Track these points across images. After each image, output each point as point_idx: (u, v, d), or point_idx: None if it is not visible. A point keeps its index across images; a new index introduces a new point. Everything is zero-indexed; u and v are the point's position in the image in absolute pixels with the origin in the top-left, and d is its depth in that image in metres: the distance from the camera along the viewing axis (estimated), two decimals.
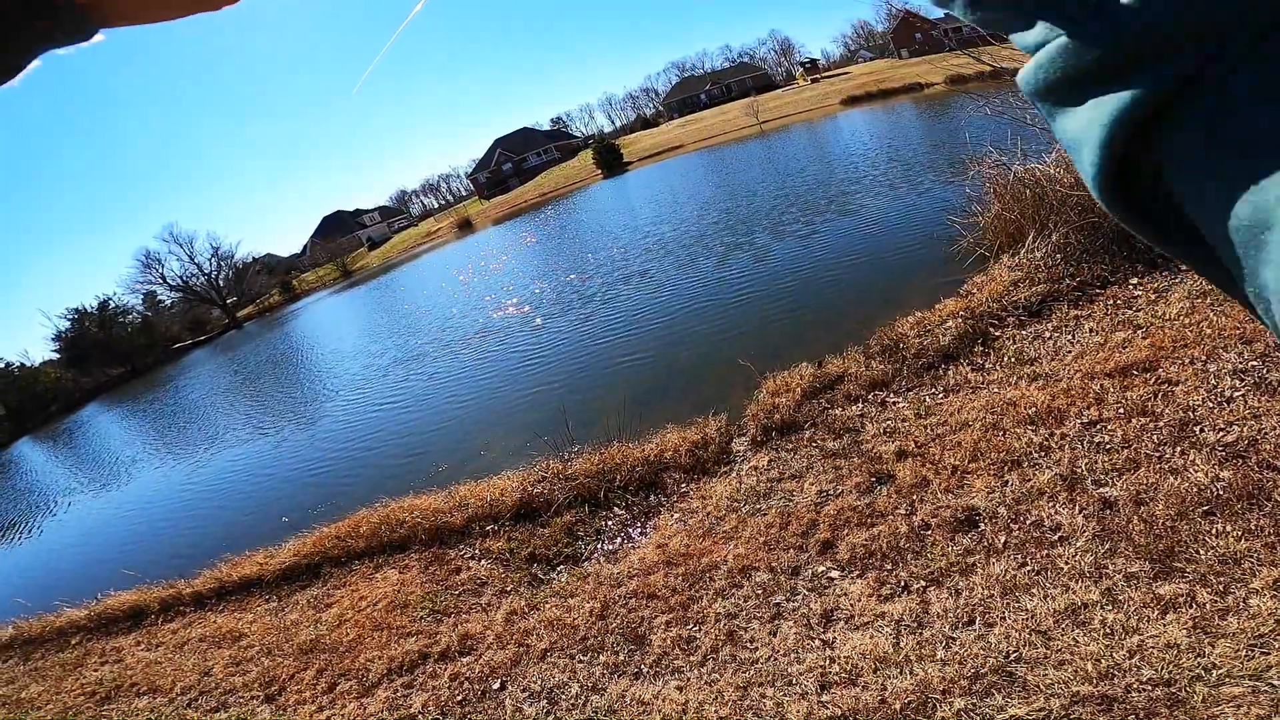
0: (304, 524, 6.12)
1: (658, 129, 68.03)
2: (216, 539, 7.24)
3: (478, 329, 13.63)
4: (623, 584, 3.68)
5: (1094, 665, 2.26)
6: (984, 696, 2.24)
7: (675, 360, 7.94)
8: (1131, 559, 2.70)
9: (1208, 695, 2.04)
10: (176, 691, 4.37)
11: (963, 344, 5.22)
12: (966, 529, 3.20)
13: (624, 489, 4.83)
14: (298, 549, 5.58)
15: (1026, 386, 4.36)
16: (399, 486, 6.28)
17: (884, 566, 3.08)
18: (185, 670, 4.57)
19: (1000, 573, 2.83)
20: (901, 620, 2.69)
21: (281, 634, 4.56)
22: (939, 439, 4.05)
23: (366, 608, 4.48)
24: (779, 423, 4.88)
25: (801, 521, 3.62)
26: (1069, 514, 3.08)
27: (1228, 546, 2.60)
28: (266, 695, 3.97)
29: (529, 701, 3.07)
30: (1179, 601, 2.44)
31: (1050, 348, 4.86)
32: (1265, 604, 2.30)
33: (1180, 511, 2.87)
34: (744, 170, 24.05)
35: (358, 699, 3.59)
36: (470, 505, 5.21)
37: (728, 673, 2.73)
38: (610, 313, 11.11)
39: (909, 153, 16.01)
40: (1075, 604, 2.55)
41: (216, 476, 10.87)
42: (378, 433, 9.55)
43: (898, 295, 6.87)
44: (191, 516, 9.34)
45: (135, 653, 5.14)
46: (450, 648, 3.72)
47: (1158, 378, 3.98)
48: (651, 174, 36.90)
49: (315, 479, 8.67)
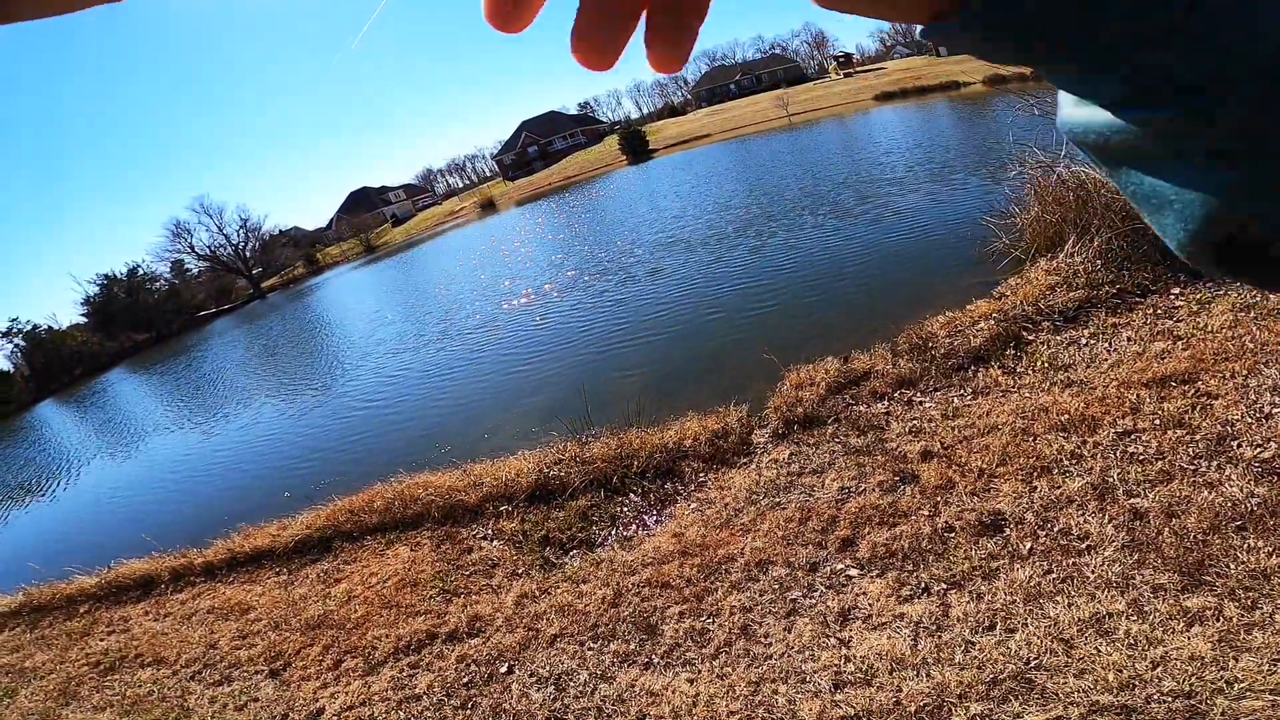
0: (318, 496, 6.12)
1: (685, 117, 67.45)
2: (231, 508, 7.28)
3: (499, 308, 13.65)
4: (636, 572, 3.65)
5: (1115, 675, 2.21)
6: (1001, 702, 2.18)
7: (697, 347, 7.88)
8: (1160, 570, 2.64)
9: (1228, 708, 2.01)
10: (181, 664, 4.37)
11: (994, 346, 5.10)
12: (991, 533, 3.13)
13: (641, 475, 4.79)
14: (310, 521, 5.59)
15: (1059, 393, 4.25)
16: (415, 462, 6.29)
17: (905, 567, 3.02)
18: (191, 642, 4.57)
19: (1024, 579, 2.76)
20: (920, 622, 2.63)
21: (290, 608, 4.56)
22: (966, 441, 3.97)
23: (376, 584, 4.48)
24: (802, 416, 4.81)
25: (821, 517, 3.56)
26: (1098, 523, 3.01)
27: (1258, 562, 2.54)
28: (271, 670, 3.97)
29: (536, 687, 3.05)
30: (1206, 614, 2.39)
31: (1086, 355, 4.74)
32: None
33: (1212, 525, 2.79)
34: (772, 162, 23.75)
35: (363, 677, 3.59)
36: (485, 484, 5.21)
37: (740, 667, 2.69)
38: (633, 297, 11.06)
39: (943, 151, 15.68)
40: (1100, 613, 2.50)
41: (234, 445, 11.02)
42: (395, 407, 9.62)
43: (927, 294, 6.74)
44: (207, 484, 9.45)
45: (143, 623, 5.15)
46: (459, 629, 3.71)
47: (1196, 390, 3.86)
48: (677, 161, 36.58)
49: (331, 450, 8.76)
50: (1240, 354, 4.07)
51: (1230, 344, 4.22)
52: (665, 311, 9.70)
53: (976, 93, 30.25)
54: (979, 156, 13.30)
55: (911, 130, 22.27)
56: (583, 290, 12.70)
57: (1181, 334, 4.61)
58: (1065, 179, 6.19)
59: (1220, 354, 4.14)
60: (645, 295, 10.91)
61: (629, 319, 9.93)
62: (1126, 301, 5.35)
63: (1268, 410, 3.47)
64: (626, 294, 11.37)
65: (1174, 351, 4.38)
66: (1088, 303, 5.42)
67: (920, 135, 20.02)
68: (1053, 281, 5.78)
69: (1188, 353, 4.29)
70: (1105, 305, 5.34)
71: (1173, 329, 4.73)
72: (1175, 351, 4.38)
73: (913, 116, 26.78)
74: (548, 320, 11.44)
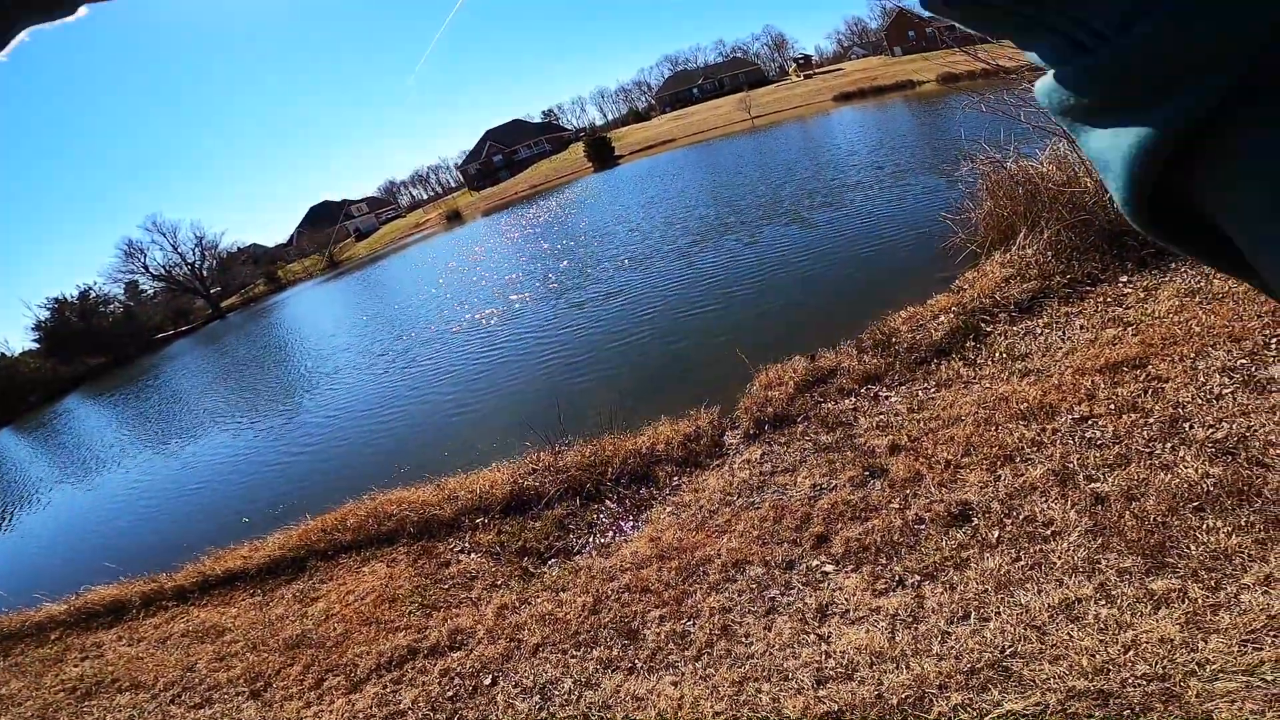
0: (289, 516, 6.04)
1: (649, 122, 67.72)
2: (199, 531, 7.12)
3: (464, 319, 13.52)
4: (615, 578, 3.65)
5: (1089, 660, 2.25)
6: (981, 691, 2.23)
7: (667, 352, 7.91)
8: (1124, 554, 2.70)
9: (1202, 690, 2.03)
10: (159, 687, 4.28)
11: (955, 339, 5.23)
12: (960, 523, 3.20)
13: (616, 481, 4.80)
14: (283, 542, 5.51)
15: (1018, 382, 4.37)
16: (387, 478, 6.21)
17: (878, 561, 3.07)
18: (168, 665, 4.48)
19: (994, 567, 2.83)
20: (897, 615, 2.68)
21: (267, 628, 4.48)
22: (932, 433, 4.05)
23: (354, 601, 4.42)
24: (772, 415, 4.87)
25: (795, 515, 3.61)
26: (1061, 509, 3.09)
27: (1218, 542, 2.60)
28: (252, 691, 3.89)
29: (521, 697, 3.03)
30: (1171, 597, 2.43)
31: (1042, 344, 4.88)
32: (1256, 600, 2.30)
33: (1171, 507, 2.87)
34: (736, 165, 24.00)
35: (346, 695, 3.53)
36: (460, 497, 5.16)
37: (723, 668, 2.71)
38: (601, 304, 11.06)
39: (901, 150, 16.04)
40: (1069, 599, 2.55)
41: (199, 468, 10.71)
42: (365, 424, 9.45)
43: (890, 290, 6.88)
44: (173, 508, 9.19)
45: (116, 648, 5.04)
46: (440, 642, 3.67)
47: (1148, 374, 3.99)
48: (643, 167, 36.73)
49: (301, 471, 8.57)
50: (1187, 338, 4.23)
51: (1177, 328, 4.39)
52: (633, 317, 9.73)
53: (931, 91, 31.07)
54: (935, 154, 13.64)
55: (871, 130, 22.74)
56: (550, 300, 12.66)
57: (1131, 320, 4.78)
58: (1015, 174, 6.38)
59: (1168, 338, 4.30)
60: (612, 302, 10.93)
61: (597, 326, 9.94)
62: (1078, 291, 5.53)
63: (1217, 391, 3.60)
64: (593, 301, 11.37)
65: (1125, 338, 4.54)
66: (1041, 293, 5.59)
67: (879, 135, 20.46)
68: (1007, 274, 5.96)
69: (1138, 338, 4.44)
70: (1057, 295, 5.51)
71: (1122, 316, 4.91)
72: (1126, 338, 4.54)
73: (871, 116, 27.35)
74: (516, 331, 11.37)
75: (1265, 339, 3.95)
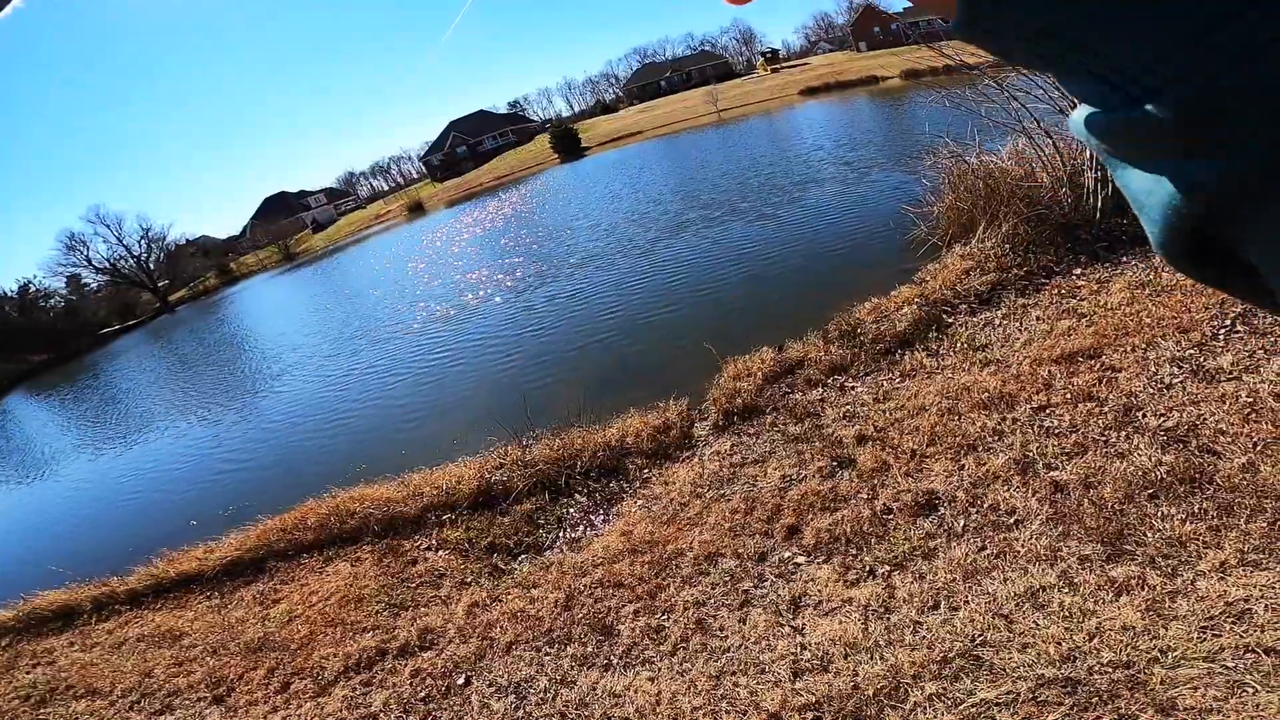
0: (245, 516, 5.84)
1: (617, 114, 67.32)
2: (150, 534, 6.84)
3: (429, 312, 13.25)
4: (588, 573, 3.62)
5: (1056, 648, 2.30)
6: (954, 680, 2.27)
7: (635, 344, 7.88)
8: (1084, 541, 2.78)
9: (1165, 677, 2.09)
10: (117, 694, 4.13)
11: (918, 330, 5.32)
12: (927, 513, 3.26)
13: (585, 475, 4.76)
14: (240, 543, 5.34)
15: (979, 372, 4.47)
16: (348, 476, 6.04)
17: (849, 551, 3.11)
18: (125, 671, 4.33)
19: (961, 556, 2.88)
20: (869, 605, 2.71)
21: (226, 632, 4.35)
22: (897, 423, 4.12)
23: (318, 603, 4.31)
24: (741, 407, 4.89)
25: (766, 507, 3.63)
26: (1023, 497, 3.16)
27: (1174, 529, 2.69)
28: (215, 696, 3.77)
29: (496, 697, 2.99)
30: (1131, 584, 2.51)
31: (1000, 334, 5.00)
32: (1213, 586, 2.38)
33: (1127, 495, 2.96)
34: (703, 158, 24.04)
35: (314, 698, 3.43)
36: (425, 494, 5.06)
37: (699, 662, 2.71)
38: (568, 296, 10.97)
39: (865, 144, 16.27)
40: (1034, 587, 2.61)
41: (148, 468, 10.26)
42: (324, 421, 9.18)
43: (855, 282, 6.97)
44: (122, 510, 8.79)
45: (69, 654, 4.85)
46: (410, 642, 3.60)
47: (1101, 364, 4.12)
48: (610, 159, 36.52)
49: (256, 469, 8.29)
50: (1139, 328, 4.38)
51: (1129, 319, 4.55)
52: (599, 312, 9.66)
53: (894, 86, 31.58)
54: (898, 149, 13.87)
55: (836, 125, 23.01)
56: (514, 294, 12.49)
57: (1084, 311, 4.93)
58: (975, 168, 6.52)
59: (1120, 329, 4.44)
60: (577, 296, 10.84)
61: (562, 321, 9.84)
62: (1034, 283, 5.69)
63: (1167, 381, 3.73)
64: (558, 295, 11.26)
65: (1079, 329, 4.69)
66: (999, 285, 5.73)
67: (844, 130, 20.72)
68: (967, 266, 6.09)
69: (1091, 329, 4.59)
70: (1015, 287, 5.66)
71: (1076, 307, 5.06)
72: (1080, 329, 4.68)
73: (837, 111, 27.68)
74: (479, 326, 11.18)
75: (1213, 330, 4.11)
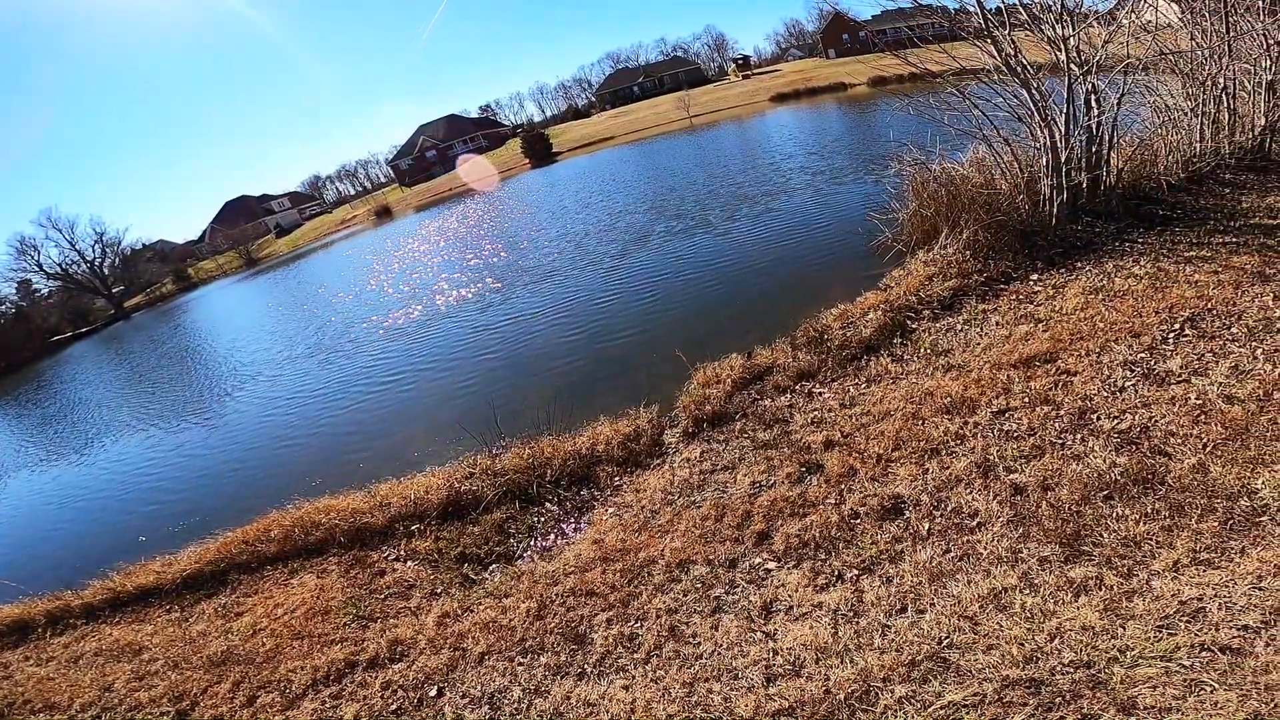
0: (205, 529, 5.68)
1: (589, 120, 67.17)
2: (106, 547, 6.61)
3: (388, 323, 13.02)
4: (559, 582, 3.60)
5: (1019, 649, 2.35)
6: (923, 683, 2.31)
7: (604, 351, 7.87)
8: (1043, 543, 2.85)
9: (1125, 676, 2.13)
10: (76, 709, 4.00)
11: (883, 336, 5.42)
12: (893, 517, 3.32)
13: (556, 483, 4.74)
14: (200, 555, 5.20)
15: (941, 377, 4.56)
16: (313, 487, 5.92)
17: (818, 556, 3.15)
18: (83, 686, 4.19)
19: (927, 559, 2.94)
20: (838, 610, 2.75)
21: (188, 645, 4.24)
22: (863, 428, 4.19)
23: (283, 615, 4.21)
24: (710, 414, 4.92)
25: (736, 513, 3.65)
26: (985, 500, 3.23)
27: (1128, 530, 2.76)
28: (178, 711, 3.67)
29: (470, 708, 2.95)
30: (1089, 584, 2.56)
31: (961, 339, 5.12)
32: (1168, 586, 2.44)
33: (1084, 496, 3.05)
34: (674, 164, 24.16)
35: (282, 712, 3.35)
36: (393, 504, 4.98)
37: (673, 669, 2.72)
38: (535, 302, 10.89)
39: (833, 151, 16.53)
40: (997, 589, 2.66)
41: (102, 479, 9.86)
42: (286, 431, 8.95)
43: (822, 288, 7.07)
44: (76, 523, 8.43)
45: (24, 668, 4.69)
46: (379, 654, 3.53)
47: (1057, 368, 4.23)
48: (581, 165, 36.41)
49: (217, 480, 8.03)
50: (1092, 333, 4.52)
51: (1083, 324, 4.70)
52: (570, 317, 9.62)
53: (862, 93, 32.22)
54: (865, 155, 14.14)
55: (805, 132, 23.34)
56: (481, 301, 12.36)
57: (1041, 317, 5.08)
58: (938, 175, 6.68)
59: (1075, 334, 4.59)
60: (547, 302, 10.77)
61: (531, 326, 9.78)
62: (993, 289, 5.84)
63: (1120, 384, 3.86)
64: (528, 302, 11.18)
65: (1036, 333, 4.82)
66: (960, 291, 5.88)
67: (813, 137, 21.02)
68: (930, 272, 6.23)
69: (1048, 334, 4.72)
70: (975, 293, 5.81)
71: (1033, 312, 5.21)
72: (1037, 333, 4.82)
73: (806, 117, 28.09)
74: (445, 334, 11.04)
75: (1163, 334, 4.26)
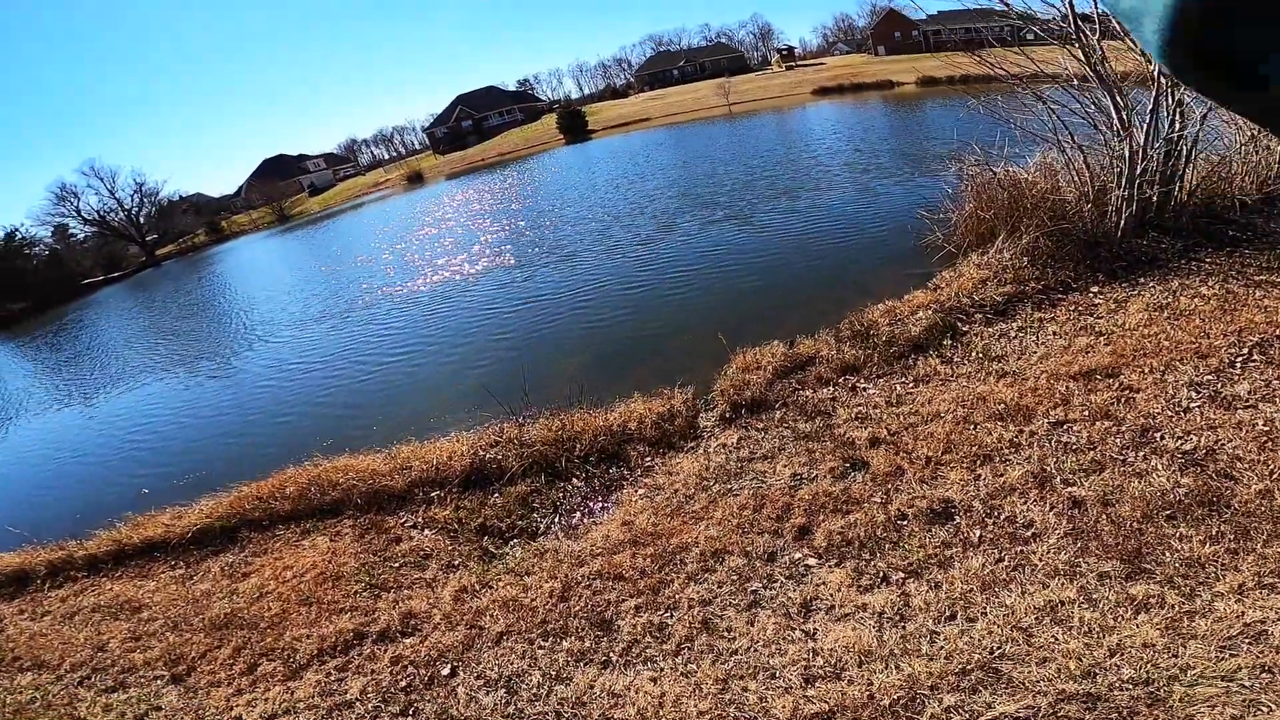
0: (219, 481, 5.57)
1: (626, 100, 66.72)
2: (116, 496, 6.57)
3: (418, 283, 12.99)
4: (585, 563, 3.47)
5: (1076, 663, 2.24)
6: (972, 693, 2.18)
7: (641, 327, 7.73)
8: (1103, 558, 2.72)
9: (1184, 695, 2.07)
10: (66, 668, 3.88)
11: (932, 336, 5.22)
12: (942, 521, 3.16)
13: (585, 459, 4.61)
14: (211, 509, 5.07)
15: (995, 383, 4.37)
16: (332, 445, 5.84)
17: (862, 556, 3.00)
18: (76, 644, 4.07)
19: (978, 567, 2.79)
20: (883, 613, 2.60)
21: (190, 605, 4.11)
22: (911, 428, 4.01)
23: (292, 579, 4.09)
24: (749, 400, 4.76)
25: (776, 505, 3.50)
26: (1040, 511, 3.08)
27: (1192, 550, 2.64)
28: (173, 675, 3.55)
29: (485, 690, 2.83)
30: (1151, 602, 2.46)
31: (1016, 346, 4.91)
32: (1231, 607, 2.35)
33: (1145, 514, 2.90)
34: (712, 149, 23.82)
35: (283, 682, 3.24)
36: (413, 468, 4.87)
37: (705, 663, 2.58)
38: (573, 274, 10.77)
39: (880, 149, 16.13)
40: (1053, 601, 2.54)
41: (119, 426, 9.92)
42: (311, 386, 8.95)
43: (867, 282, 6.86)
44: (83, 471, 8.42)
45: (17, 622, 4.57)
46: (391, 627, 3.42)
47: (1120, 384, 4.05)
48: (616, 144, 36.12)
49: (235, 431, 8.04)
50: (1156, 350, 4.31)
51: (1147, 341, 4.47)
52: (606, 291, 9.50)
53: (910, 92, 31.42)
54: (913, 154, 13.76)
55: (849, 126, 22.85)
56: (515, 270, 12.27)
57: (1102, 330, 4.85)
58: (1001, 178, 6.41)
59: (1139, 350, 4.37)
60: (583, 275, 10.65)
61: (567, 298, 9.66)
62: (1050, 297, 5.60)
63: (1185, 404, 3.67)
64: (563, 273, 11.06)
65: (1097, 346, 4.61)
66: (1016, 297, 5.64)
67: (858, 132, 20.56)
68: (984, 276, 5.99)
69: (1109, 348, 4.51)
70: (1031, 300, 5.58)
71: (1094, 325, 4.98)
72: (1098, 346, 4.60)
73: (849, 113, 27.49)
74: (480, 296, 10.96)
75: (1230, 357, 4.06)
